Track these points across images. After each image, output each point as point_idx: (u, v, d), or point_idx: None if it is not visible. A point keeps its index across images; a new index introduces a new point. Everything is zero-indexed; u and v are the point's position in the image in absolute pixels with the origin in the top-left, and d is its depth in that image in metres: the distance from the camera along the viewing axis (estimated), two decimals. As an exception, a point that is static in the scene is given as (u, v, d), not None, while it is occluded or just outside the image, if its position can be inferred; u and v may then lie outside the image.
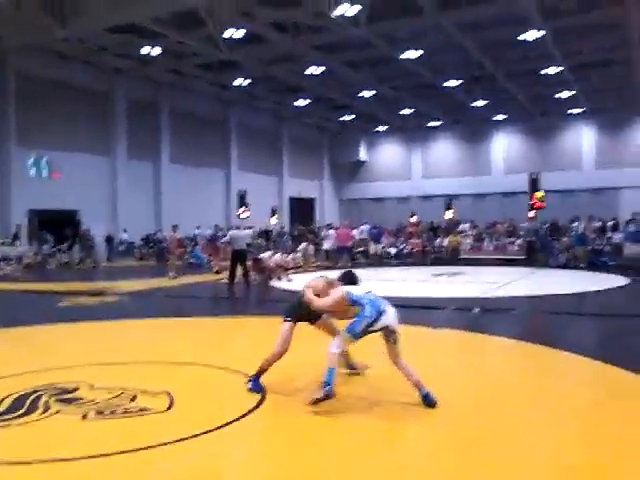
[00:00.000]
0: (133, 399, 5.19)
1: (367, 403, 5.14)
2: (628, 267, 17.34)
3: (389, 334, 5.11)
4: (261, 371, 5.55)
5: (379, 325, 5.09)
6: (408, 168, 40.74)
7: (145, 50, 23.28)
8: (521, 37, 21.76)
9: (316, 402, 4.91)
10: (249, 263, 15.67)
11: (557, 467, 3.86)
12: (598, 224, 21.11)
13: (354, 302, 5.27)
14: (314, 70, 26.13)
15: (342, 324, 5.42)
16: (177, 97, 29.72)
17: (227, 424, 4.56)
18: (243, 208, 28.11)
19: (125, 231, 27.00)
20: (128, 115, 27.61)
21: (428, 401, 4.89)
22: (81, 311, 11.02)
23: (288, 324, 5.70)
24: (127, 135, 27.58)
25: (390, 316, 5.14)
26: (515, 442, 4.26)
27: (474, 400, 5.25)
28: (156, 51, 23.44)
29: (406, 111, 34.80)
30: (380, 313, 5.13)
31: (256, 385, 5.46)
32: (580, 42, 23.05)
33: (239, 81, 28.06)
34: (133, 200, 27.32)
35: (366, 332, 5.11)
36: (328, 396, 4.92)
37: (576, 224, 20.15)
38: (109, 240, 25.81)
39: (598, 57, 25.01)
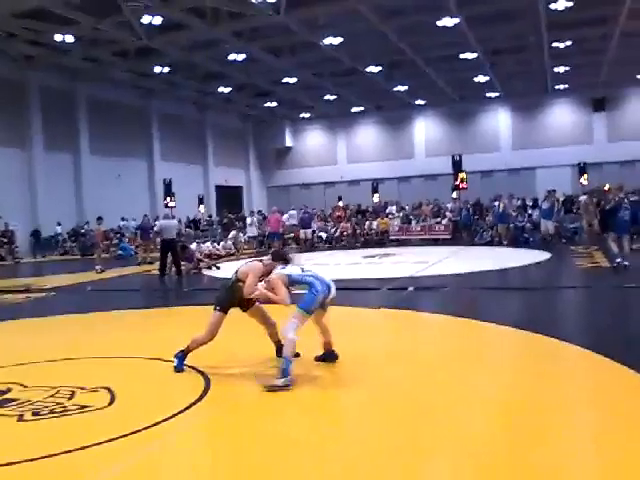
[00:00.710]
0: (71, 397, 5.02)
1: (314, 387, 5.18)
2: (546, 242, 18.19)
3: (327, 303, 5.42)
4: (187, 351, 5.72)
5: (330, 297, 5.35)
6: (334, 153, 41.00)
7: (58, 37, 22.23)
8: (439, 23, 22.23)
9: (272, 389, 4.92)
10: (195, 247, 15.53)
11: (489, 423, 4.05)
12: (518, 202, 21.98)
13: (296, 282, 5.31)
14: (236, 57, 25.79)
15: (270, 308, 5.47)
16: (95, 86, 28.64)
17: (173, 416, 4.46)
18: (169, 197, 27.53)
19: (59, 224, 26.09)
20: (43, 105, 26.39)
21: (332, 357, 5.52)
22: (6, 309, 10.54)
23: (218, 314, 5.68)
24: (43, 126, 26.39)
25: (333, 288, 5.40)
26: (447, 409, 4.41)
27: (408, 371, 5.40)
28: (70, 38, 22.43)
29: (329, 97, 34.96)
30: (329, 286, 5.34)
31: (180, 364, 5.66)
32: (492, 29, 23.81)
33: (159, 69, 27.33)
34: (53, 193, 26.23)
35: (319, 304, 5.27)
36: (285, 387, 4.93)
37: (497, 203, 20.88)
38: (35, 234, 24.92)
39: (510, 43, 25.93)
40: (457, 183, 23.29)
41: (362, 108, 38.55)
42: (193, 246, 16.71)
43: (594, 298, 9.64)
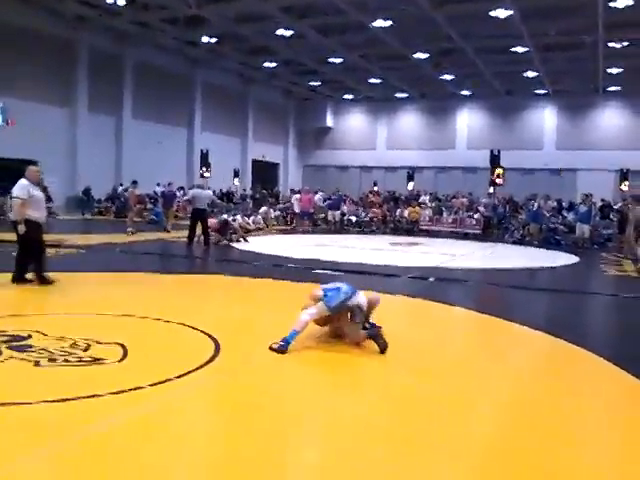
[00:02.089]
0: (86, 349, 5.22)
1: (322, 358, 5.28)
2: (578, 246, 17.91)
3: (357, 315, 5.61)
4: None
5: (353, 301, 5.62)
6: (373, 138, 40.77)
7: (110, -1, 22.53)
8: (492, 13, 21.82)
9: (271, 349, 5.31)
10: (212, 221, 15.71)
11: (495, 421, 4.09)
12: (554, 204, 21.63)
13: (328, 295, 5.67)
14: (284, 32, 25.74)
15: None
16: (142, 51, 28.94)
17: (183, 375, 4.63)
18: (205, 168, 27.79)
19: (121, 185, 26.63)
20: (90, 66, 26.79)
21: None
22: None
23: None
24: (88, 87, 26.80)
25: (362, 300, 5.72)
26: (454, 402, 4.46)
27: (419, 356, 5.46)
28: (121, 1, 22.69)
29: (374, 80, 34.68)
30: (354, 292, 5.70)
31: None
32: (547, 23, 23.24)
33: (206, 38, 27.45)
34: (93, 154, 26.72)
35: (341, 306, 5.58)
36: (281, 350, 5.27)
37: (532, 202, 20.60)
38: (86, 193, 25.66)
39: (563, 40, 25.28)
40: (493, 178, 22.96)
41: (406, 94, 38.17)
42: (223, 217, 16.90)
43: (615, 306, 9.51)
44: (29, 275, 8.60)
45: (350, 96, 40.16)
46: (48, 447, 3.36)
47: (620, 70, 29.20)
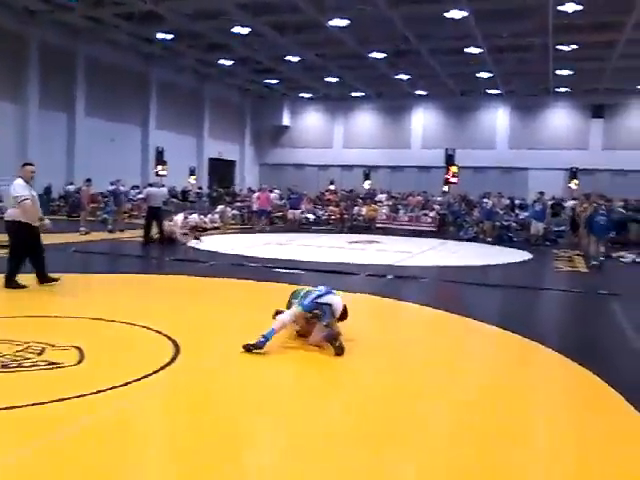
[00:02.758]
0: (41, 353, 5.10)
1: (287, 359, 5.30)
2: (531, 243, 18.38)
3: (326, 316, 5.56)
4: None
5: (325, 300, 5.65)
6: (330, 136, 40.90)
7: (62, -7, 21.97)
8: (447, 15, 22.14)
9: (247, 348, 5.30)
10: (167, 222, 15.51)
11: (459, 405, 4.18)
12: (507, 201, 22.12)
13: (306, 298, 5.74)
14: (240, 30, 25.57)
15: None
16: (95, 47, 28.30)
17: (142, 378, 4.58)
18: (160, 166, 27.42)
19: (72, 184, 25.89)
20: (42, 62, 26.05)
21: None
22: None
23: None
24: (40, 83, 26.07)
25: (336, 300, 5.73)
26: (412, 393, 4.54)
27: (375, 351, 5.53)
28: (74, -5, 22.18)
29: (330, 79, 34.79)
30: (329, 292, 5.76)
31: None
32: (500, 25, 23.74)
33: (161, 35, 27.05)
34: (45, 152, 25.98)
35: (314, 305, 5.61)
36: (258, 346, 5.31)
37: (486, 200, 21.03)
38: (47, 192, 24.97)
39: (515, 42, 25.87)
40: (448, 176, 23.36)
41: (362, 93, 38.41)
42: (180, 216, 16.70)
43: (566, 301, 9.82)
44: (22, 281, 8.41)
45: (307, 94, 40.19)
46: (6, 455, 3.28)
47: (569, 72, 30.04)
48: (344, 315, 5.86)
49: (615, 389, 4.71)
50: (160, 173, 26.86)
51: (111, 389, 4.30)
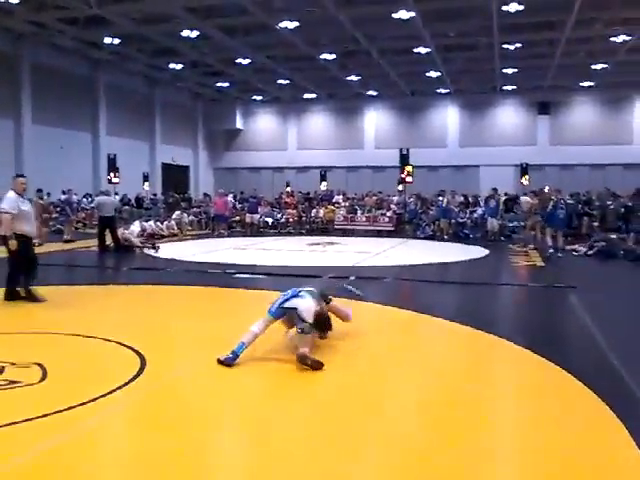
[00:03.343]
0: (0, 372, 4.93)
1: (256, 371, 5.25)
2: (487, 239, 18.75)
3: (297, 321, 5.36)
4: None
5: (290, 304, 5.45)
6: (284, 139, 40.82)
7: (1, -3, 21.27)
8: (394, 15, 22.38)
9: (219, 362, 5.18)
10: (120, 230, 15.23)
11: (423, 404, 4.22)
12: (461, 199, 22.51)
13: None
14: (189, 33, 25.28)
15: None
16: (40, 52, 27.52)
17: (110, 393, 4.48)
18: (113, 173, 26.86)
19: None
20: (-18, 69, 25.28)
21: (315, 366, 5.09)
22: None
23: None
24: (-17, 90, 25.28)
25: (302, 303, 5.44)
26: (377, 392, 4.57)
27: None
28: None
29: (282, 81, 34.73)
30: (295, 295, 5.53)
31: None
32: (446, 25, 24.16)
33: (109, 39, 26.51)
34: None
35: (280, 311, 5.46)
36: (226, 363, 5.17)
37: (441, 198, 21.35)
38: None
39: (462, 41, 26.38)
40: (403, 176, 23.61)
41: (314, 95, 38.49)
42: (136, 224, 16.42)
43: (524, 295, 10.04)
44: (21, 291, 8.36)
45: (259, 97, 40.03)
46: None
47: (515, 70, 30.78)
48: (327, 324, 5.66)
49: (579, 379, 4.85)
50: (112, 180, 26.29)
51: (74, 407, 4.18)
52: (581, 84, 33.79)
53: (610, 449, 3.70)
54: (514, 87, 35.05)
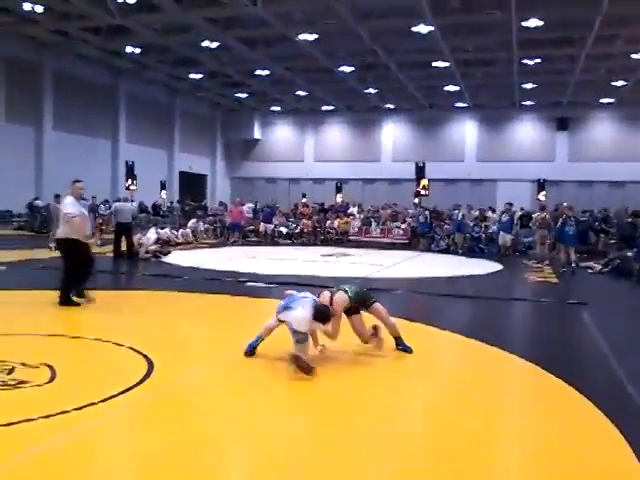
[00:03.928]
0: (10, 372, 4.99)
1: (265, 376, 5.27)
2: (501, 254, 18.63)
3: (292, 333, 5.42)
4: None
5: (282, 316, 5.51)
6: (301, 150, 41.03)
7: (27, 6, 21.71)
8: (414, 29, 22.48)
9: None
10: (137, 236, 15.34)
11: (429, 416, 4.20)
12: (476, 213, 22.40)
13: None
14: (209, 44, 25.59)
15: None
16: (63, 61, 28.03)
17: (115, 396, 4.51)
18: (131, 180, 27.16)
19: (37, 199, 25.45)
20: (7, 75, 25.70)
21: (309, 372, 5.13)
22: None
23: None
24: (6, 97, 25.69)
25: (292, 315, 5.42)
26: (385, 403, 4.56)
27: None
28: (39, 8, 21.93)
29: (300, 93, 34.99)
30: (285, 308, 5.53)
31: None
32: (465, 40, 24.22)
33: (130, 49, 26.92)
34: (11, 166, 25.56)
35: (277, 321, 5.59)
36: (247, 353, 5.58)
37: (456, 212, 21.27)
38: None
39: (482, 56, 26.41)
40: (419, 189, 23.59)
41: (332, 107, 38.69)
42: (152, 231, 16.54)
43: (537, 311, 9.96)
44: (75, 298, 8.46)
45: (277, 108, 40.32)
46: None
47: (534, 85, 30.70)
48: (324, 317, 5.52)
49: (585, 395, 4.81)
50: (130, 187, 26.58)
51: (81, 408, 4.22)
52: (601, 100, 33.63)
53: (612, 465, 3.67)
54: (533, 102, 34.97)
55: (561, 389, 5.10)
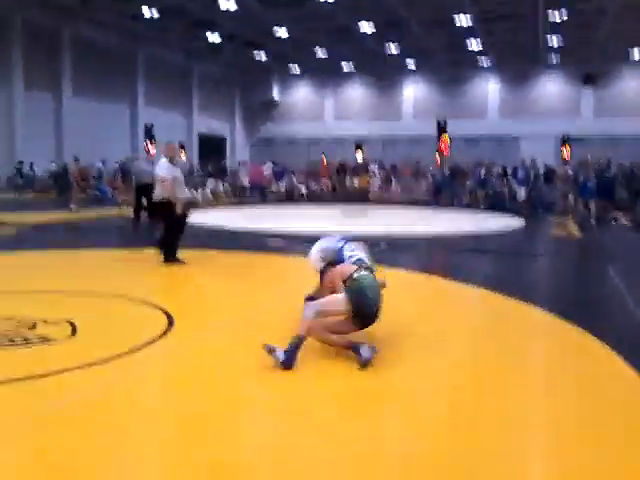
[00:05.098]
0: (32, 328, 5.03)
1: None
2: (523, 210, 18.37)
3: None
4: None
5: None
6: (320, 110, 40.55)
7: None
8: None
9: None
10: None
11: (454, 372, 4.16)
12: (499, 169, 22.06)
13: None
14: (227, 6, 25.09)
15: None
16: (81, 26, 27.81)
17: (138, 349, 4.53)
18: (150, 141, 27.15)
19: (53, 162, 25.51)
20: (26, 42, 25.59)
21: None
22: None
23: None
24: (24, 64, 25.64)
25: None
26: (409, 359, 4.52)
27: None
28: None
29: (320, 54, 34.38)
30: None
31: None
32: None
33: (148, 12, 26.52)
34: (32, 132, 25.69)
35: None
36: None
37: (479, 169, 20.97)
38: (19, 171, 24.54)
39: (506, 11, 25.51)
40: (440, 146, 23.25)
41: (352, 67, 38.00)
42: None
43: (560, 266, 9.81)
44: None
45: (296, 69, 39.73)
46: (2, 428, 3.25)
47: (560, 41, 29.73)
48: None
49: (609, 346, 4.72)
50: (150, 150, 26.58)
51: (103, 362, 4.25)
52: (629, 55, 32.46)
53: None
54: (558, 59, 33.92)
55: (581, 338, 5.01)
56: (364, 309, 4.33)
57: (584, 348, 4.83)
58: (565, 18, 25.16)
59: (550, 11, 24.42)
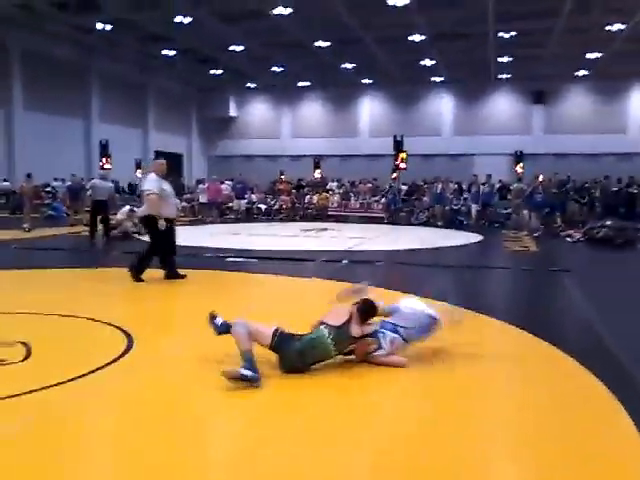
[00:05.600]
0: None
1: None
2: (479, 226, 18.72)
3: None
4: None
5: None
6: (278, 127, 40.65)
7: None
8: (390, 2, 22.19)
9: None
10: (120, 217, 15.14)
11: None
12: (455, 186, 22.46)
13: None
14: (182, 20, 24.99)
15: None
16: (30, 38, 27.21)
17: (91, 372, 4.39)
18: (105, 159, 26.70)
19: (5, 180, 24.81)
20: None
21: None
22: None
23: None
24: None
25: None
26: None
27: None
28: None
29: (276, 69, 34.52)
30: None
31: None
32: (441, 13, 23.93)
33: (100, 25, 26.18)
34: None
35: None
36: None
37: (435, 185, 21.30)
38: None
39: (457, 29, 26.16)
40: (397, 163, 23.53)
41: (308, 83, 38.27)
42: (125, 209, 16.19)
43: (520, 279, 10.00)
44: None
45: (253, 85, 39.78)
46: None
47: (510, 59, 30.64)
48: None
49: (574, 358, 4.80)
50: (105, 167, 26.14)
51: (58, 385, 4.10)
52: (576, 73, 33.71)
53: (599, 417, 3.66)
54: (509, 76, 34.95)
55: (547, 350, 5.10)
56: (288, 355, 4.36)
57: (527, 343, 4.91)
58: (514, 34, 25.95)
59: (500, 29, 25.16)
